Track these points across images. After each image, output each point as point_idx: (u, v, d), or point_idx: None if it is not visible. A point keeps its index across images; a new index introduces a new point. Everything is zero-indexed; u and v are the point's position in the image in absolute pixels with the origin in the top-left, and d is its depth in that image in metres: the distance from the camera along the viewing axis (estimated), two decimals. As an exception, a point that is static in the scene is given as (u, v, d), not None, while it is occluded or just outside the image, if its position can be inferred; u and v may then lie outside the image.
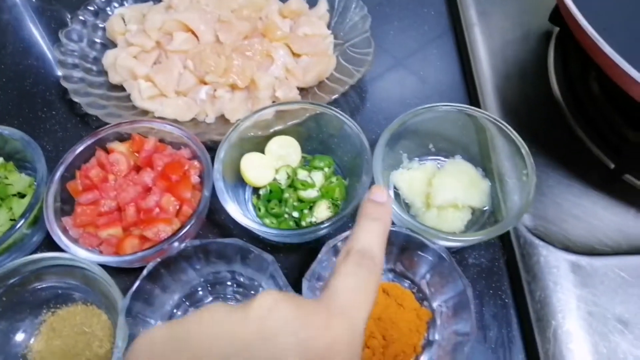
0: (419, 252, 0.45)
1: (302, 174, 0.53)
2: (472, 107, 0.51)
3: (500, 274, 0.49)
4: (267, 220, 0.51)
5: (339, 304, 0.25)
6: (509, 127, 0.49)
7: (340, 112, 0.50)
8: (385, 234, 0.29)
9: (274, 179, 0.52)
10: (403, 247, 0.45)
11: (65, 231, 0.46)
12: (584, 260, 0.47)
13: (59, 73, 0.57)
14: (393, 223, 0.50)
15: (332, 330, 0.23)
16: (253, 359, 0.22)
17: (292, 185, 0.52)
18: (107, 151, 0.51)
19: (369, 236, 0.28)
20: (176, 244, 0.44)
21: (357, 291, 0.26)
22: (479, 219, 0.51)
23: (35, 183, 0.53)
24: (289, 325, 0.23)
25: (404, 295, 0.46)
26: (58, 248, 0.45)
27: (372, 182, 0.47)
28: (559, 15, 0.59)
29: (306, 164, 0.55)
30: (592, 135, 0.54)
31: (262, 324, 0.23)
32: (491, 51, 0.64)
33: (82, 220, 0.46)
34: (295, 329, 0.23)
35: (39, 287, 0.47)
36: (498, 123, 0.50)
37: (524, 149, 0.48)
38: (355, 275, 0.26)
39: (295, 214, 0.51)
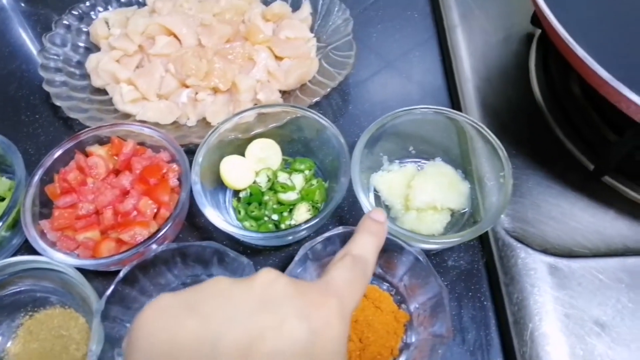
0: (397, 255, 0.45)
1: (283, 177, 0.53)
2: (452, 110, 0.51)
3: (479, 276, 0.49)
4: (247, 224, 0.51)
5: (334, 288, 0.28)
6: (487, 130, 0.49)
7: (320, 115, 0.51)
8: (378, 248, 0.33)
9: (254, 182, 0.53)
10: (382, 249, 0.45)
11: (42, 234, 0.46)
12: (561, 262, 0.47)
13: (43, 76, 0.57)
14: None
15: (327, 306, 0.26)
16: (256, 323, 0.24)
17: (273, 188, 0.52)
18: (87, 154, 0.51)
19: (366, 246, 0.32)
20: (154, 246, 0.45)
21: (350, 282, 0.29)
22: (459, 220, 0.51)
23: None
24: (289, 294, 0.25)
25: (382, 297, 0.46)
26: (37, 251, 0.45)
27: (350, 184, 0.47)
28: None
29: (287, 167, 0.55)
30: (572, 137, 0.55)
31: (265, 292, 0.25)
32: (473, 53, 0.64)
33: (59, 224, 0.46)
34: (294, 299, 0.25)
35: (16, 290, 0.47)
36: (477, 126, 0.50)
37: (502, 151, 0.48)
38: (350, 271, 0.29)
39: (275, 217, 0.51)
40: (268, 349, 0.23)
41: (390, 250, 0.45)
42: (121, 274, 0.42)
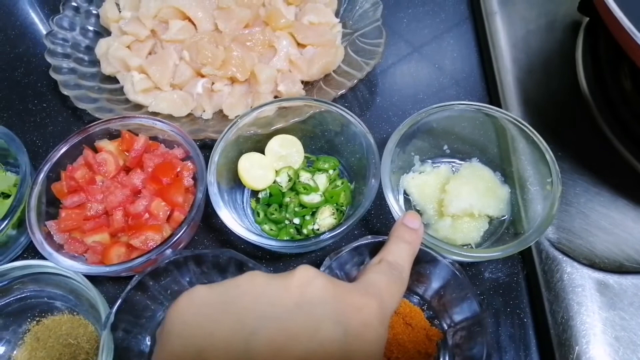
0: (431, 267, 0.41)
1: (305, 177, 0.49)
2: (492, 107, 0.46)
3: (519, 291, 0.45)
4: (266, 227, 0.47)
5: (374, 290, 0.27)
6: (533, 130, 0.45)
7: (346, 110, 0.46)
8: (413, 257, 0.32)
9: (274, 182, 0.49)
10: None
11: (49, 236, 0.43)
12: (611, 278, 0.43)
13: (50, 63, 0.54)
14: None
15: (367, 308, 0.25)
16: (291, 323, 0.23)
17: (294, 188, 0.48)
18: (96, 150, 0.47)
19: (400, 254, 0.31)
20: (167, 252, 0.41)
21: (389, 285, 0.28)
22: (497, 229, 0.47)
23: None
24: (327, 297, 0.25)
25: (413, 312, 0.42)
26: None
27: (380, 187, 0.43)
28: (589, 4, 0.54)
29: (309, 165, 0.51)
30: (623, 138, 0.49)
31: (302, 292, 0.25)
32: (513, 42, 0.58)
33: (67, 225, 0.43)
34: (332, 301, 0.25)
35: (23, 294, 0.44)
36: (520, 124, 0.45)
37: (549, 155, 0.44)
38: (387, 275, 0.29)
39: (297, 221, 0.47)
40: (301, 352, 0.23)
41: (423, 261, 0.41)
42: (132, 284, 0.39)
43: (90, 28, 0.59)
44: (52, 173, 0.45)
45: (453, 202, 0.45)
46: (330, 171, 0.50)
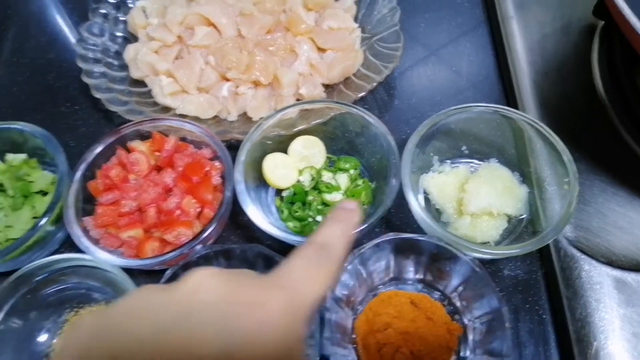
0: (451, 264, 0.42)
1: (327, 176, 0.51)
2: (509, 108, 0.48)
3: (537, 288, 0.46)
4: (290, 224, 0.49)
5: (285, 279, 0.24)
6: (550, 131, 0.46)
7: (367, 112, 0.48)
8: (348, 233, 0.28)
9: (298, 181, 0.50)
10: (433, 256, 0.43)
11: (86, 232, 0.45)
12: (629, 276, 0.44)
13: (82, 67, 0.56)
14: (423, 232, 0.48)
15: (265, 307, 0.22)
16: (172, 337, 0.21)
17: (317, 187, 0.50)
18: (128, 150, 0.49)
19: (331, 232, 0.28)
20: (198, 247, 0.43)
21: (307, 271, 0.25)
22: (516, 227, 0.48)
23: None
24: (217, 299, 0.22)
25: (434, 307, 0.43)
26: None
27: (401, 186, 0.44)
28: (604, 8, 0.55)
29: (331, 165, 0.53)
30: (639, 139, 0.50)
31: (188, 300, 0.22)
32: (529, 45, 0.59)
33: (103, 221, 0.45)
34: (219, 306, 0.22)
35: (61, 286, 0.46)
36: (537, 125, 0.47)
37: (566, 155, 0.45)
38: (309, 259, 0.25)
39: (319, 218, 0.49)
40: None
41: (443, 258, 0.42)
42: (166, 277, 0.41)
43: (119, 34, 0.61)
44: (88, 172, 0.47)
45: (472, 201, 0.46)
46: (351, 171, 0.51)
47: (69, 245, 0.51)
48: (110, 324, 0.22)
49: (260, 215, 0.44)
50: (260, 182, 0.50)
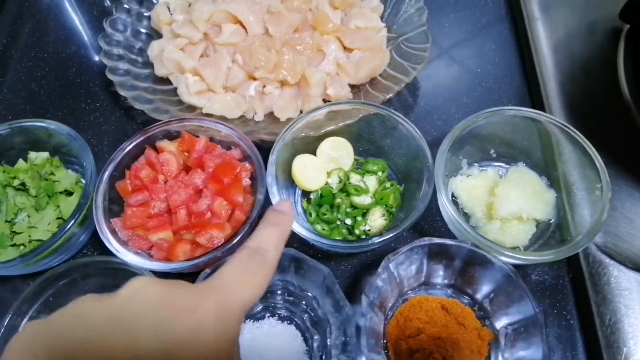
0: (483, 269, 0.42)
1: (355, 178, 0.50)
2: (540, 112, 0.48)
3: (565, 293, 0.47)
4: (318, 227, 0.49)
5: (218, 285, 0.25)
6: (582, 136, 0.46)
7: (397, 114, 0.48)
8: (281, 237, 0.30)
9: (326, 183, 0.50)
10: (466, 261, 0.43)
11: (114, 233, 0.45)
12: (659, 282, 0.44)
13: (105, 64, 0.55)
14: (454, 236, 0.48)
15: (199, 311, 0.23)
16: (107, 343, 0.22)
17: (344, 189, 0.50)
18: (156, 149, 0.49)
19: (265, 237, 0.29)
20: (229, 251, 0.43)
21: (239, 276, 0.26)
22: (544, 232, 0.48)
23: (82, 180, 0.52)
24: (150, 307, 0.23)
25: (465, 313, 0.43)
26: (103, 248, 0.44)
27: (434, 191, 0.44)
28: (630, 12, 0.55)
29: (358, 167, 0.53)
30: (667, 144, 0.50)
31: (125, 307, 0.23)
32: (555, 47, 0.59)
33: (132, 222, 0.45)
34: (155, 311, 0.23)
35: (86, 289, 0.46)
36: (568, 130, 0.46)
37: (598, 161, 0.45)
38: (243, 264, 0.27)
39: (348, 221, 0.48)
40: None
41: (476, 263, 0.43)
42: (199, 281, 0.41)
43: (142, 30, 0.60)
44: (116, 172, 0.47)
45: (503, 205, 0.46)
46: (379, 173, 0.51)
47: (92, 246, 0.51)
48: (51, 329, 0.23)
49: (294, 220, 0.43)
50: (287, 183, 0.50)
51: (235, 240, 0.42)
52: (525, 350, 0.39)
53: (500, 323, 0.43)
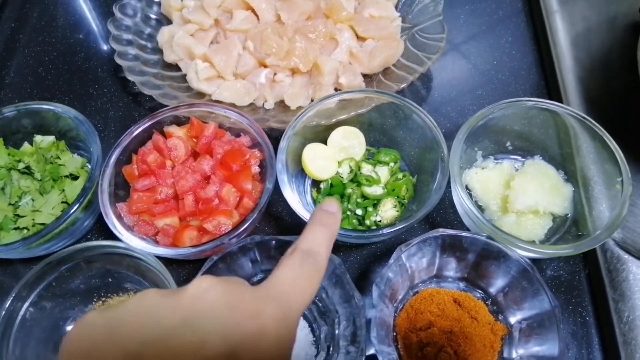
0: (498, 262, 0.41)
1: (367, 168, 0.49)
2: (560, 104, 0.46)
3: (580, 289, 0.45)
4: (328, 216, 0.47)
5: (275, 291, 0.26)
6: (601, 128, 0.45)
7: (413, 103, 0.46)
8: (331, 239, 0.30)
9: (336, 172, 0.49)
10: (480, 254, 0.42)
11: (119, 218, 0.44)
12: (679, 280, 0.42)
13: (113, 48, 0.54)
14: (467, 229, 0.47)
15: (261, 317, 0.24)
16: (175, 342, 0.22)
17: (355, 179, 0.49)
18: (164, 135, 0.48)
19: (316, 239, 0.29)
20: (236, 238, 0.42)
21: (295, 282, 0.26)
22: (560, 227, 0.46)
23: (87, 165, 0.51)
24: (219, 308, 0.23)
25: (477, 307, 0.42)
26: (108, 233, 0.43)
27: (449, 183, 0.43)
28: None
29: (370, 158, 0.51)
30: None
31: (193, 307, 0.23)
32: (574, 40, 0.58)
33: (138, 208, 0.44)
34: (224, 312, 0.23)
35: (89, 274, 0.45)
36: (587, 122, 0.45)
37: (619, 153, 0.43)
38: (297, 269, 0.27)
39: (359, 212, 0.47)
40: None
41: (491, 257, 0.41)
42: (206, 266, 0.40)
43: (152, 16, 0.60)
44: (122, 156, 0.46)
45: (519, 198, 0.45)
46: (392, 164, 0.50)
47: (96, 232, 0.50)
48: (119, 324, 0.23)
49: (303, 208, 0.42)
50: (297, 172, 0.49)
51: (242, 228, 0.41)
52: (540, 346, 0.38)
53: (514, 318, 0.41)
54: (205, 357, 0.22)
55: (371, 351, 0.39)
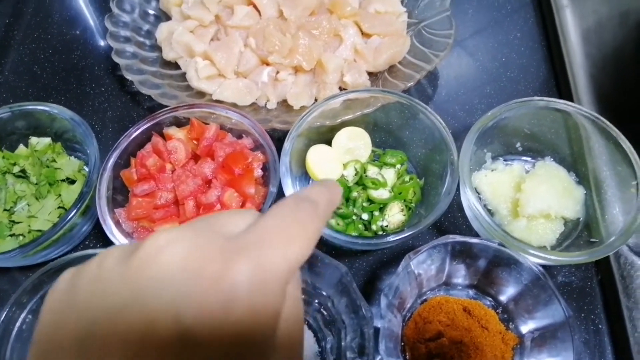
0: (509, 269, 0.40)
1: (372, 171, 0.48)
2: (573, 104, 0.45)
3: (593, 296, 0.44)
4: (332, 221, 0.46)
5: (252, 242, 0.19)
6: (615, 129, 0.43)
7: (421, 103, 0.45)
8: (333, 200, 0.24)
9: (342, 175, 0.48)
10: (491, 261, 0.40)
11: (118, 224, 0.42)
12: (695, 287, 0.41)
13: (111, 46, 0.53)
14: (475, 234, 0.45)
15: (226, 280, 0.17)
16: (121, 320, 0.17)
17: (361, 182, 0.47)
18: (164, 137, 0.46)
19: (315, 192, 0.23)
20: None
21: (282, 227, 0.19)
22: (572, 232, 0.45)
23: (85, 168, 0.50)
24: (178, 271, 0.18)
25: (488, 316, 0.41)
26: (106, 238, 0.42)
27: (458, 186, 0.42)
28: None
29: (376, 159, 0.50)
30: None
31: (142, 274, 0.18)
32: (585, 36, 0.56)
33: (137, 213, 0.42)
34: (176, 281, 0.17)
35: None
36: (600, 122, 0.44)
37: (633, 156, 0.42)
38: (287, 213, 0.20)
39: (365, 216, 0.46)
40: (132, 357, 0.17)
41: (502, 264, 0.40)
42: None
43: (150, 12, 0.58)
44: (121, 159, 0.45)
45: (530, 201, 0.43)
46: (398, 166, 0.48)
47: (94, 238, 0.49)
48: (76, 292, 0.19)
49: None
50: (300, 174, 0.47)
51: (246, 234, 0.40)
52: (554, 357, 0.37)
53: (526, 327, 0.40)
54: (154, 342, 0.17)
55: (379, 362, 0.37)
